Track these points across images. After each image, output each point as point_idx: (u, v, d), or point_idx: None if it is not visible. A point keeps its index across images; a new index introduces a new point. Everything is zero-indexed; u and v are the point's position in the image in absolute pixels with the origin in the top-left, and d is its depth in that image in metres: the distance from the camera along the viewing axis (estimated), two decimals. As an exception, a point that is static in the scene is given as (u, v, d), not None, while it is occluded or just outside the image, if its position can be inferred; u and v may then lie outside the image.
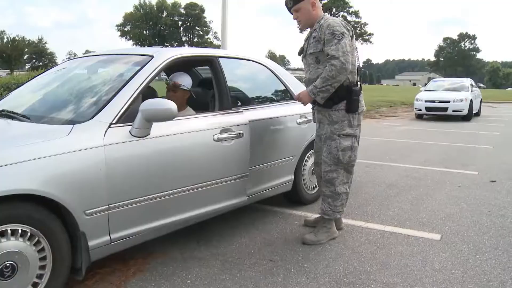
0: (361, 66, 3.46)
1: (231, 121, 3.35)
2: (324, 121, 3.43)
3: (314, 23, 3.39)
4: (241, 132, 3.37)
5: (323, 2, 69.24)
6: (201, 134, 3.11)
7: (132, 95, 2.77)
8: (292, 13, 3.44)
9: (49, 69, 4.06)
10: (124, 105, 2.70)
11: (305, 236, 3.46)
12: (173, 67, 3.57)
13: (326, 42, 3.21)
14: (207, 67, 3.73)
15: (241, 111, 3.50)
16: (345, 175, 3.44)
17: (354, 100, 3.30)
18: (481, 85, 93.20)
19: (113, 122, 2.60)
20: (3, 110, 2.99)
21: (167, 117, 2.67)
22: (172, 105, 2.65)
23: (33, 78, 3.86)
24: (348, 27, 3.30)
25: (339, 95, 3.28)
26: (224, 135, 3.24)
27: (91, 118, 2.60)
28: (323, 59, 3.29)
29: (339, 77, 3.16)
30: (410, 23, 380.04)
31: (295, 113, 4.03)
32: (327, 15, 3.42)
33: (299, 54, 3.61)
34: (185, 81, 3.61)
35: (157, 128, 2.76)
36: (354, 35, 3.38)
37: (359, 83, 3.37)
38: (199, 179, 3.08)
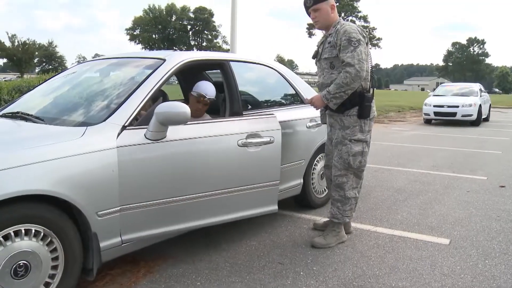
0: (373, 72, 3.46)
1: (260, 126, 3.26)
2: (336, 126, 3.45)
3: (330, 26, 3.41)
4: (272, 137, 3.28)
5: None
6: (223, 139, 3.04)
7: (145, 98, 2.80)
8: (309, 13, 3.45)
9: (60, 72, 4.10)
10: (137, 107, 2.73)
11: (314, 239, 3.47)
12: (184, 71, 3.60)
13: (342, 49, 3.22)
14: (218, 70, 3.75)
15: (273, 115, 3.40)
16: (354, 180, 3.47)
17: (366, 106, 3.32)
18: (496, 90, 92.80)
19: (126, 124, 2.64)
20: (17, 112, 3.03)
21: (180, 120, 2.64)
22: (185, 109, 2.61)
23: (45, 81, 3.90)
24: (364, 34, 3.32)
25: (351, 101, 3.30)
26: (250, 140, 3.16)
27: (104, 120, 2.63)
28: (337, 65, 3.32)
29: (353, 85, 3.18)
30: (418, 28, 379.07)
31: (305, 117, 4.05)
32: (342, 20, 3.44)
33: (313, 57, 3.62)
34: (211, 91, 3.56)
35: (175, 132, 2.76)
36: (369, 42, 3.40)
37: (371, 89, 3.40)
38: (220, 185, 3.01)
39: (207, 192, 2.94)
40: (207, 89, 3.52)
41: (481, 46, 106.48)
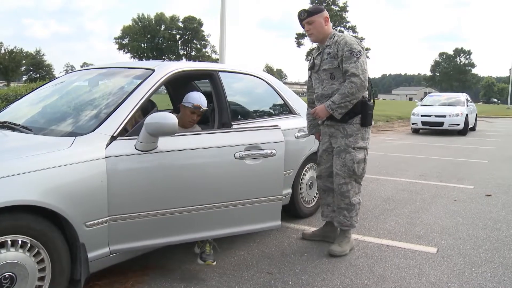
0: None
1: (261, 138, 3.13)
2: (338, 135, 3.49)
3: (325, 38, 3.49)
4: (273, 150, 3.13)
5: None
6: (218, 151, 2.94)
7: (134, 108, 2.81)
8: (303, 26, 3.52)
9: (48, 81, 4.09)
10: (126, 118, 2.73)
11: (331, 248, 3.50)
12: (173, 81, 3.61)
13: (344, 59, 3.31)
14: (207, 80, 3.76)
15: (278, 127, 3.27)
16: (356, 186, 3.55)
17: (369, 114, 3.43)
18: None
19: (115, 134, 2.64)
20: (4, 122, 3.02)
21: (168, 132, 2.59)
22: (173, 120, 2.57)
23: (33, 90, 3.89)
24: (361, 46, 3.40)
25: (354, 110, 3.39)
26: (249, 153, 3.04)
27: (93, 130, 2.63)
28: (338, 75, 3.40)
29: (358, 94, 3.28)
30: (406, 38, 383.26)
31: (293, 127, 4.07)
32: (337, 32, 3.52)
33: (310, 69, 3.68)
34: (205, 101, 3.47)
35: (168, 143, 2.73)
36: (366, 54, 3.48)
37: (372, 98, 3.53)
38: (216, 198, 2.92)
39: (201, 205, 2.86)
40: (201, 99, 3.46)
41: (468, 56, 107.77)
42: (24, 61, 75.34)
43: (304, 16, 3.46)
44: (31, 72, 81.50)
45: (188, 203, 2.82)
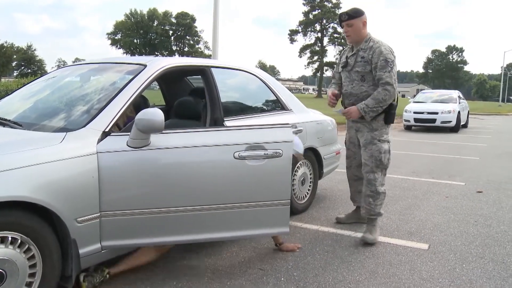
0: None
1: (265, 136, 2.92)
2: (364, 129, 3.77)
3: (361, 41, 3.71)
4: (279, 150, 2.90)
5: (317, 12, 69.72)
6: (214, 150, 2.78)
7: (125, 103, 2.79)
8: (342, 26, 3.75)
9: (40, 76, 4.06)
10: (118, 113, 2.72)
11: (365, 236, 3.70)
12: (166, 77, 3.59)
13: (379, 67, 3.56)
14: (199, 76, 3.75)
15: (288, 125, 3.05)
16: (382, 177, 3.79)
17: (392, 114, 3.69)
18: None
19: (106, 130, 2.62)
20: (-6, 117, 2.98)
21: (155, 129, 2.55)
22: (159, 117, 2.53)
23: (24, 85, 3.86)
24: (394, 54, 3.64)
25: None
26: (250, 153, 2.84)
27: (84, 126, 2.61)
28: (368, 79, 3.67)
29: (389, 101, 3.58)
30: (399, 35, 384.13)
31: (285, 123, 4.06)
32: (372, 36, 3.72)
33: (343, 67, 3.86)
34: (301, 148, 3.72)
35: (160, 140, 2.67)
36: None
37: (397, 99, 3.74)
38: (213, 200, 2.78)
39: (195, 205, 2.75)
40: (300, 145, 3.63)
41: (460, 54, 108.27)
42: (15, 56, 74.63)
43: (345, 18, 3.67)
44: (22, 67, 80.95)
45: (182, 203, 2.72)
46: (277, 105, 4.30)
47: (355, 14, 3.65)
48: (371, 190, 3.73)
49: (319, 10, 68.49)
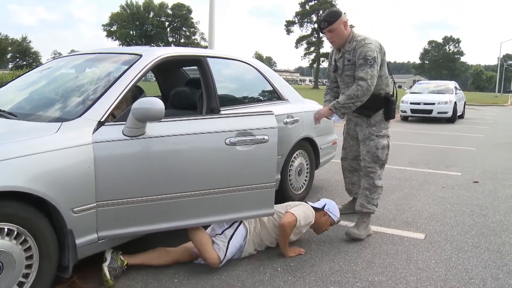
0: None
1: (253, 123, 3.05)
2: (362, 124, 3.70)
3: (345, 42, 3.58)
4: (265, 136, 3.04)
5: (314, 2, 69.48)
6: (208, 137, 2.86)
7: (121, 93, 2.77)
8: (323, 33, 3.62)
9: (35, 68, 4.03)
10: (113, 103, 2.70)
11: (349, 229, 3.61)
12: (161, 67, 3.57)
13: (358, 66, 3.46)
14: (195, 67, 3.73)
15: (271, 112, 3.18)
16: (380, 172, 3.71)
17: (391, 109, 3.63)
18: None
19: (102, 120, 2.61)
20: (-11, 108, 2.96)
21: (154, 117, 2.56)
22: (160, 105, 2.55)
23: (19, 76, 3.83)
24: (380, 48, 3.53)
25: (378, 105, 3.60)
26: (240, 139, 2.96)
27: (80, 116, 2.60)
28: None
29: (362, 98, 3.43)
30: (396, 26, 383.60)
31: (282, 113, 4.06)
32: (355, 33, 3.59)
33: (334, 71, 3.79)
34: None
35: (156, 128, 2.69)
36: (385, 53, 3.63)
37: (395, 94, 3.72)
38: (206, 185, 2.86)
39: (190, 191, 2.81)
40: (337, 212, 3.48)
41: (457, 45, 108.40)
42: (10, 48, 74.21)
43: (325, 26, 3.53)
44: (17, 60, 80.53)
45: (177, 189, 2.77)
46: (273, 95, 4.29)
47: (334, 18, 3.51)
48: (369, 183, 3.67)
49: (316, 1, 68.28)
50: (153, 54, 3.15)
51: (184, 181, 2.80)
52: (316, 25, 68.59)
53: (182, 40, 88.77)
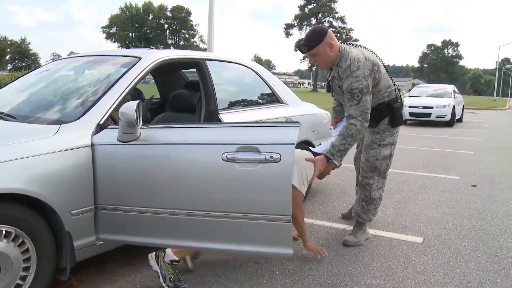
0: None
1: (259, 136, 2.49)
2: (368, 129, 3.43)
3: (334, 62, 3.18)
4: (275, 154, 2.40)
5: (313, 5, 69.56)
6: (201, 149, 2.50)
7: (120, 96, 2.77)
8: (308, 57, 3.27)
9: (34, 69, 4.03)
10: (112, 106, 2.70)
11: (346, 238, 3.56)
12: (160, 70, 3.58)
13: (346, 101, 3.11)
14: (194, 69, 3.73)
15: (297, 125, 2.51)
16: (380, 181, 3.54)
17: (397, 116, 3.38)
18: None
19: (101, 122, 2.61)
20: (-13, 110, 2.96)
21: (129, 122, 2.44)
22: (131, 111, 2.42)
23: (18, 78, 3.83)
24: (371, 67, 3.12)
25: (381, 114, 3.36)
26: (241, 156, 2.43)
27: (78, 118, 2.60)
28: None
29: (358, 136, 3.08)
30: (395, 30, 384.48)
31: (281, 116, 4.07)
32: (345, 52, 3.12)
33: (328, 91, 3.58)
34: None
35: (148, 135, 2.57)
36: (380, 62, 3.28)
37: (400, 99, 3.41)
38: (199, 205, 2.50)
39: (182, 209, 2.52)
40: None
41: (455, 48, 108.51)
42: (8, 50, 74.16)
43: (305, 50, 3.13)
44: (16, 61, 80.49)
45: (168, 205, 2.53)
46: (272, 98, 4.29)
47: (315, 42, 3.06)
48: (365, 194, 3.54)
49: (315, 4, 68.41)
50: (152, 56, 3.15)
51: (175, 196, 2.53)
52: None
53: (181, 43, 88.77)
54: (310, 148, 3.29)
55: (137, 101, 2.47)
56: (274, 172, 2.40)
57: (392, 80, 3.42)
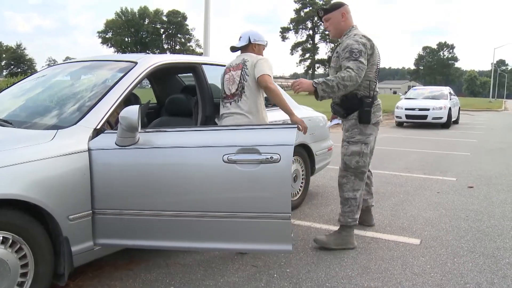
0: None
1: (260, 138, 2.58)
2: (343, 128, 3.56)
3: (342, 34, 3.49)
4: (275, 155, 2.50)
5: (310, 9, 69.71)
6: (202, 152, 2.56)
7: (117, 100, 2.78)
8: (323, 21, 3.58)
9: (30, 75, 4.04)
10: (108, 111, 2.71)
11: (317, 236, 3.54)
12: (157, 74, 3.58)
13: (343, 59, 3.28)
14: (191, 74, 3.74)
15: (293, 127, 2.65)
16: (356, 182, 3.47)
17: (366, 112, 3.38)
18: None
19: (98, 127, 2.61)
20: (-16, 116, 2.96)
21: (132, 128, 2.48)
22: (134, 116, 2.45)
23: (14, 83, 3.83)
24: (367, 40, 3.35)
25: (352, 106, 3.41)
26: (241, 157, 2.52)
27: (75, 123, 2.60)
28: None
29: (348, 82, 3.16)
30: (391, 32, 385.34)
31: (277, 119, 4.07)
32: (356, 28, 3.49)
33: (328, 62, 3.69)
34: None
35: (146, 139, 2.59)
36: (374, 45, 3.42)
37: (374, 99, 3.43)
38: (200, 206, 2.56)
39: (183, 211, 2.57)
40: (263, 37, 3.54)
41: (451, 50, 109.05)
42: (4, 55, 74.09)
43: (321, 14, 3.52)
44: (12, 67, 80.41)
45: (169, 207, 2.57)
46: (268, 101, 4.29)
47: (331, 7, 3.47)
48: (340, 194, 3.53)
49: (310, 8, 68.59)
50: (149, 61, 3.16)
51: (175, 199, 2.58)
52: (310, 32, 69.03)
53: (178, 47, 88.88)
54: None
55: (138, 106, 2.51)
56: (274, 172, 2.51)
57: (376, 79, 3.46)
